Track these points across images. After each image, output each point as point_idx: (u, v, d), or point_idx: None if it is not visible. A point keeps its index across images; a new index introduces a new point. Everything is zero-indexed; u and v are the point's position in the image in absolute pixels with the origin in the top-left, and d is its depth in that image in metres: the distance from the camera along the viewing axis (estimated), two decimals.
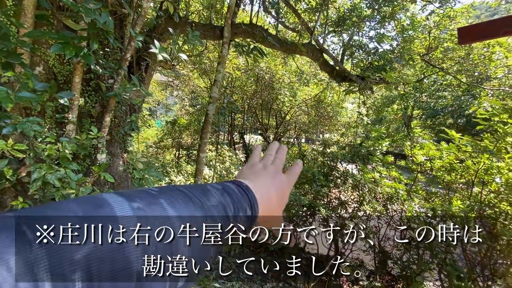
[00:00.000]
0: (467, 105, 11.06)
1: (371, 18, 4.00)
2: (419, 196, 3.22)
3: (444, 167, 3.03)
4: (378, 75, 3.39)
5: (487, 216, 2.72)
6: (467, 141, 2.79)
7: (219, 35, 3.06)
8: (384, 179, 3.27)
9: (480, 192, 2.72)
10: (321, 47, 3.57)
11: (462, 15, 4.90)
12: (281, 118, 12.07)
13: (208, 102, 2.97)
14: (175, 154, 7.93)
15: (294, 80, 10.00)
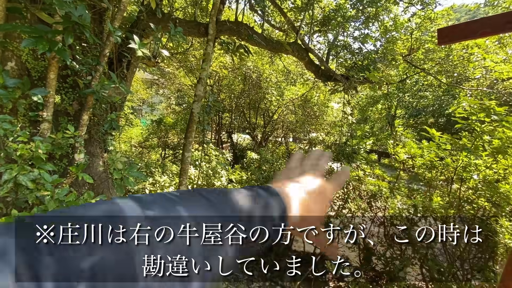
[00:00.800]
0: (447, 105, 11.52)
1: (355, 18, 4.07)
2: (401, 193, 3.31)
3: (425, 165, 3.12)
4: (362, 74, 3.45)
5: (466, 211, 2.83)
6: (446, 140, 2.89)
7: (204, 32, 3.01)
8: (368, 177, 3.33)
9: (459, 188, 2.82)
10: (307, 47, 3.59)
11: (442, 17, 5.07)
12: (269, 117, 12.09)
13: (193, 101, 2.92)
14: (161, 154, 7.78)
15: (281, 79, 10.05)
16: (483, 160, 2.70)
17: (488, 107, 2.52)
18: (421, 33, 4.64)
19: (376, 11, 3.81)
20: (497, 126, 2.64)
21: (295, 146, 11.62)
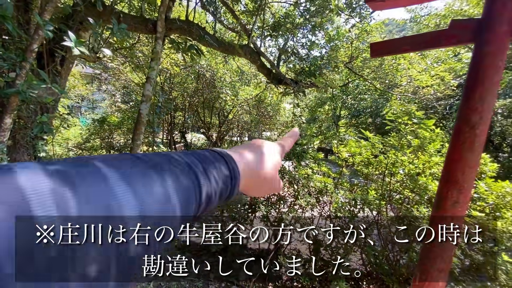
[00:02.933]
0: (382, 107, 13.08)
1: (303, 26, 4.35)
2: (344, 188, 3.66)
3: (363, 162, 3.50)
4: (309, 79, 3.71)
5: (395, 201, 3.27)
6: (378, 140, 3.30)
7: (152, 30, 2.86)
8: (315, 174, 3.60)
9: (389, 181, 3.25)
10: (258, 50, 3.70)
11: (376, 30, 5.74)
12: (224, 117, 12.03)
13: (141, 101, 2.76)
14: None
15: (235, 79, 10.10)
16: (408, 157, 3.16)
17: (410, 111, 2.96)
18: (360, 43, 5.19)
19: (321, 21, 4.14)
20: (417, 127, 3.12)
21: None
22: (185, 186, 0.27)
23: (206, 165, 0.31)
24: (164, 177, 0.25)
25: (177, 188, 0.26)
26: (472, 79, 1.56)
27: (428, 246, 1.70)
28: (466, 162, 1.58)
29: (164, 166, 0.27)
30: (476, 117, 1.55)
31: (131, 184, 0.22)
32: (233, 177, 0.34)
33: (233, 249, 3.70)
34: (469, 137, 1.57)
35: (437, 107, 10.72)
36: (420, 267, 1.76)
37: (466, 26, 1.66)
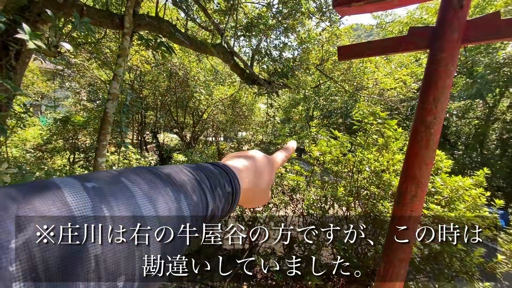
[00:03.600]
0: (351, 108, 13.73)
1: (276, 28, 4.42)
2: (316, 186, 3.78)
3: (333, 160, 3.65)
4: (281, 81, 3.78)
5: (362, 197, 3.45)
6: (347, 139, 3.46)
7: (119, 25, 2.72)
8: (288, 173, 3.67)
9: (357, 178, 3.41)
10: (232, 50, 3.69)
11: (345, 34, 6.00)
12: (198, 117, 11.81)
13: (107, 99, 2.61)
14: (68, 158, 6.63)
15: (210, 78, 9.96)
16: (373, 155, 3.34)
17: (375, 112, 3.14)
18: (330, 46, 5.40)
19: (293, 23, 4.23)
20: (381, 127, 3.32)
21: (226, 145, 11.72)
22: (195, 202, 0.30)
23: (212, 181, 0.34)
24: (179, 195, 0.28)
25: (189, 204, 0.29)
26: (427, 83, 1.69)
27: (390, 238, 1.82)
28: (423, 159, 1.71)
29: (179, 183, 0.29)
30: (431, 117, 1.68)
31: (153, 201, 0.25)
32: (235, 194, 0.37)
33: (207, 250, 3.65)
34: (425, 136, 1.69)
35: (400, 108, 11.51)
36: (384, 258, 1.87)
37: (423, 34, 1.79)
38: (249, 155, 0.48)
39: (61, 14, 2.07)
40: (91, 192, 0.22)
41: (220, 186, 0.34)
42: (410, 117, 12.20)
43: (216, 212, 0.34)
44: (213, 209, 0.32)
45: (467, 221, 2.64)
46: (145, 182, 0.26)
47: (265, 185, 0.46)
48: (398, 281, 1.82)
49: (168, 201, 0.27)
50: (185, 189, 0.29)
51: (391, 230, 1.82)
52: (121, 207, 0.23)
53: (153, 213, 0.25)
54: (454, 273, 2.65)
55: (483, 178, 2.85)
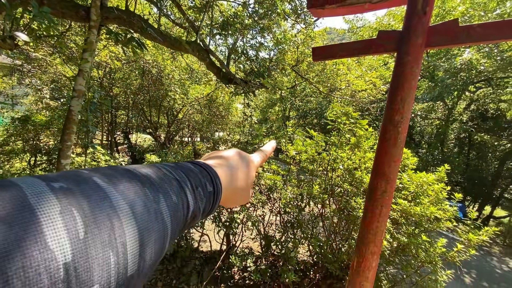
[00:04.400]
0: (325, 109, 14.19)
1: (252, 27, 4.41)
2: (292, 184, 3.83)
3: (308, 159, 3.72)
4: (258, 80, 3.78)
5: (336, 194, 3.56)
6: (321, 138, 3.55)
7: (85, 17, 2.54)
8: (266, 172, 3.69)
9: (331, 176, 3.52)
10: (207, 48, 3.62)
11: (319, 36, 6.17)
12: (173, 116, 11.47)
13: (72, 96, 2.43)
14: (29, 160, 6.10)
15: (185, 77, 9.71)
16: (346, 154, 3.46)
17: (348, 112, 3.26)
18: (305, 48, 5.52)
19: (269, 23, 4.26)
20: (354, 127, 3.45)
21: (202, 145, 11.51)
22: (175, 203, 0.28)
23: (193, 180, 0.32)
24: (158, 195, 0.26)
25: (169, 204, 0.27)
26: (395, 84, 1.78)
27: (363, 233, 1.89)
28: (391, 156, 1.80)
29: (157, 182, 0.27)
30: (398, 117, 1.77)
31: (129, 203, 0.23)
32: (216, 193, 0.36)
33: (183, 253, 3.55)
34: (393, 134, 1.78)
35: (370, 109, 12.11)
36: (357, 252, 1.94)
37: (391, 37, 1.89)
38: (228, 154, 0.47)
39: (17, 2, 1.89)
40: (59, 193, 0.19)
41: (201, 185, 0.33)
42: (379, 118, 12.89)
43: (197, 213, 0.32)
44: (194, 209, 0.31)
45: (431, 214, 2.83)
46: (121, 182, 0.24)
47: (245, 184, 0.45)
48: (370, 274, 1.90)
49: (146, 202, 0.24)
50: (164, 189, 0.27)
51: (363, 225, 1.90)
52: (93, 209, 0.20)
53: (130, 215, 0.22)
54: (420, 263, 2.83)
55: (444, 174, 3.08)
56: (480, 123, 11.83)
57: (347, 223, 3.41)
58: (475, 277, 5.52)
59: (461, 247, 2.75)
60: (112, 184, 0.23)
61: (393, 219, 2.99)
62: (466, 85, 10.26)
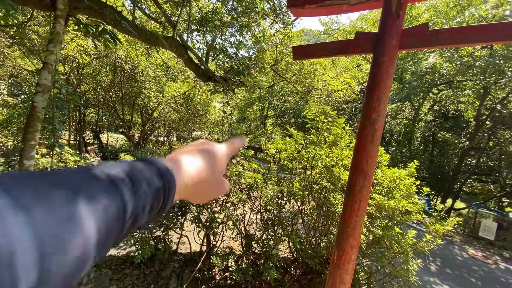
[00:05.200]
0: (303, 108, 14.52)
1: (231, 25, 4.37)
2: (273, 182, 3.86)
3: (288, 157, 3.77)
4: (238, 78, 3.75)
5: (315, 191, 3.64)
6: (301, 136, 3.62)
7: (50, 6, 2.34)
8: (246, 171, 3.68)
9: (310, 174, 3.59)
10: (185, 44, 3.51)
11: (297, 37, 6.28)
12: (148, 115, 11.03)
13: (35, 92, 2.23)
14: None
15: (160, 74, 9.38)
16: (324, 151, 3.56)
17: (326, 111, 3.34)
18: (283, 48, 5.59)
19: (248, 21, 4.25)
20: (331, 125, 3.56)
21: (179, 145, 11.20)
22: (103, 205, 0.24)
23: (134, 177, 0.29)
24: (75, 199, 0.22)
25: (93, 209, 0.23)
26: (371, 84, 1.86)
27: (342, 227, 1.95)
28: (369, 153, 1.87)
29: (77, 184, 0.23)
30: (375, 115, 1.84)
31: (28, 213, 0.19)
32: (168, 189, 0.32)
33: (161, 256, 3.43)
34: (370, 131, 1.86)
35: (346, 108, 12.58)
36: (337, 246, 2.00)
37: (367, 38, 1.96)
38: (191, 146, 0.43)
39: None
40: None
41: (146, 181, 0.29)
42: (353, 117, 13.45)
43: (140, 212, 0.28)
44: (134, 209, 0.27)
45: (402, 207, 3.00)
46: (26, 188, 0.20)
47: (213, 174, 0.42)
48: (350, 266, 1.97)
49: (55, 209, 0.20)
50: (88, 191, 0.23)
51: (343, 219, 1.96)
52: None
53: (29, 230, 0.18)
54: (393, 254, 2.99)
55: (414, 169, 3.28)
56: (442, 122, 12.81)
57: (325, 219, 3.51)
58: (439, 265, 5.96)
59: (430, 237, 2.95)
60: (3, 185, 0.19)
61: (368, 213, 3.13)
62: (430, 87, 11.05)
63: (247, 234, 3.55)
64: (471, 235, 8.67)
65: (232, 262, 3.00)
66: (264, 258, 3.29)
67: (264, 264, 2.99)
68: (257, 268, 3.35)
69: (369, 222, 3.10)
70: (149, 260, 3.46)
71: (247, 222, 3.86)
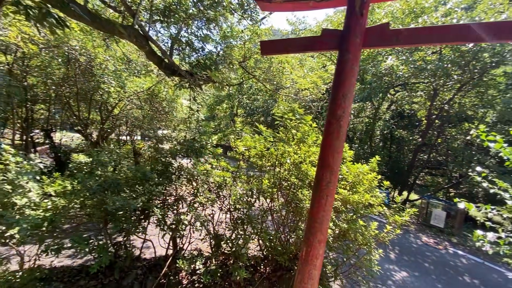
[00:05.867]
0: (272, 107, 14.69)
1: (197, 18, 4.19)
2: (242, 180, 3.80)
3: (257, 154, 3.74)
4: (204, 73, 3.61)
5: (284, 188, 3.66)
6: (270, 133, 3.60)
7: None
8: (214, 169, 3.57)
9: (279, 171, 3.60)
10: (146, 34, 3.27)
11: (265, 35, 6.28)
12: (108, 112, 10.22)
13: None
14: None
15: (121, 68, 8.72)
16: (292, 148, 3.59)
17: (293, 108, 3.37)
18: (252, 45, 5.55)
19: (216, 15, 4.11)
20: (299, 123, 3.60)
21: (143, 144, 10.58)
22: None
23: None
24: None
25: None
26: (337, 81, 1.88)
27: (310, 223, 1.95)
28: (335, 148, 1.90)
29: None
30: (340, 111, 1.87)
31: None
32: None
33: (122, 263, 3.18)
34: (336, 127, 1.88)
35: (312, 107, 13.00)
36: (305, 242, 2.00)
37: (333, 35, 1.98)
38: None
39: None
40: None
41: None
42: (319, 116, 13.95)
43: None
44: None
45: (366, 201, 3.15)
46: None
47: None
48: (318, 261, 1.98)
49: None
50: None
51: (310, 215, 1.96)
52: None
53: None
54: (357, 246, 3.13)
55: (375, 164, 3.46)
56: (398, 121, 13.88)
57: (294, 215, 3.55)
58: (398, 253, 6.44)
59: (390, 228, 3.13)
60: None
61: (335, 207, 3.22)
62: (388, 88, 11.88)
63: (216, 235, 3.44)
64: (424, 224, 9.52)
65: (200, 264, 2.88)
66: (234, 258, 3.22)
67: (234, 264, 2.92)
68: (227, 268, 3.27)
69: (335, 216, 3.20)
70: (108, 269, 3.18)
71: (216, 222, 3.75)
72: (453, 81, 9.39)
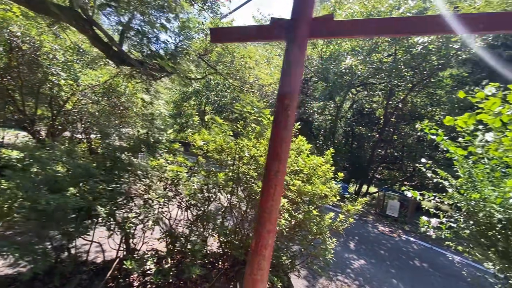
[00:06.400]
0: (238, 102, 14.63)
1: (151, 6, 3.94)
2: (200, 176, 3.68)
3: (216, 149, 3.65)
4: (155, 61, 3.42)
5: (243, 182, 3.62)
6: (228, 127, 3.54)
7: None
8: (169, 165, 3.40)
9: (238, 165, 3.55)
10: (89, 18, 2.98)
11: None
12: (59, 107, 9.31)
13: None
14: None
15: (73, 59, 7.99)
16: (252, 142, 3.56)
17: (251, 101, 3.34)
18: None
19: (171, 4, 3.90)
20: (258, 116, 3.58)
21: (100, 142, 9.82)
22: None
23: None
24: None
25: None
26: (284, 71, 1.88)
27: (259, 213, 1.94)
28: (283, 138, 1.89)
29: None
30: (287, 100, 1.87)
31: None
32: None
33: (63, 269, 2.89)
34: (283, 117, 1.88)
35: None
36: (255, 233, 1.98)
37: (281, 24, 1.97)
38: None
39: None
40: None
41: None
42: None
43: None
44: None
45: (321, 192, 3.23)
46: None
47: None
48: (267, 252, 1.97)
49: None
50: None
51: (260, 205, 1.94)
52: None
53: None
54: (313, 236, 3.20)
55: (330, 156, 3.57)
56: (359, 119, 14.70)
57: (252, 208, 3.53)
58: (357, 242, 6.80)
59: (343, 217, 3.25)
60: None
61: (291, 199, 3.26)
62: (349, 87, 12.50)
63: (171, 233, 3.29)
64: (380, 214, 10.20)
65: (151, 264, 2.72)
66: (192, 256, 3.10)
67: (188, 262, 2.81)
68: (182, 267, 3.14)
69: (292, 208, 3.24)
70: (48, 275, 2.87)
71: (174, 220, 3.59)
72: (406, 81, 10.17)
